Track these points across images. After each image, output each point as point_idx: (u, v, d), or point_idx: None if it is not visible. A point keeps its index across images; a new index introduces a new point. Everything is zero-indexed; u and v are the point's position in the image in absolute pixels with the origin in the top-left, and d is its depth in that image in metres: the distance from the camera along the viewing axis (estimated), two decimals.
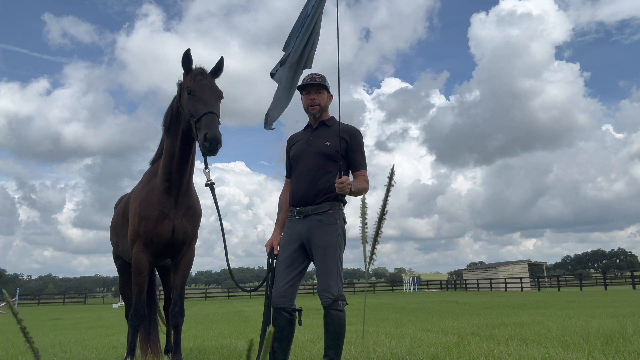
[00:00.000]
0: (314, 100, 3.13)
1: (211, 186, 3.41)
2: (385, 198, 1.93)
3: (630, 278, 29.37)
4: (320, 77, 3.16)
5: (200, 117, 3.16)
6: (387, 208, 1.94)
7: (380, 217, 1.93)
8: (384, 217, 1.93)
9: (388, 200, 1.93)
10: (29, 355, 5.58)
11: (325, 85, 3.15)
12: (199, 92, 3.29)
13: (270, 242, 3.16)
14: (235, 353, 4.72)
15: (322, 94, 3.15)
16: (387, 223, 1.96)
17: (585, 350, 3.92)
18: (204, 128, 3.09)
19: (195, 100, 3.27)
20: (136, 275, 3.67)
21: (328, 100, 3.20)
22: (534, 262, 47.07)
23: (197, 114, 3.19)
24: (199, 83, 3.33)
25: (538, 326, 6.24)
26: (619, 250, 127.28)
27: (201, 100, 3.26)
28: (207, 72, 3.46)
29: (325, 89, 3.16)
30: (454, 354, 3.99)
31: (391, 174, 1.93)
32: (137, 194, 3.83)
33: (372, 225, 1.98)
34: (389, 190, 1.92)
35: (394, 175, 1.93)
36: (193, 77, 3.37)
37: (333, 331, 2.87)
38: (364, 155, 3.12)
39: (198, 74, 3.39)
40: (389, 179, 1.92)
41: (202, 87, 3.32)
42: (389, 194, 1.92)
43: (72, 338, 7.90)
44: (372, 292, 43.48)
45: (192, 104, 3.27)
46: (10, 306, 0.97)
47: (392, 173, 1.93)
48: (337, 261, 2.93)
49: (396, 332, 6.27)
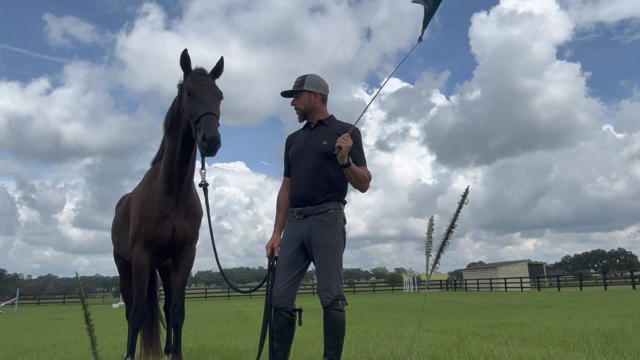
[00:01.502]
0: (294, 105, 3.19)
1: (205, 187, 3.41)
2: (457, 213, 2.11)
3: (630, 278, 29.39)
4: (298, 81, 3.17)
5: (200, 118, 3.16)
6: (456, 223, 2.14)
7: (449, 231, 2.12)
8: (452, 230, 2.13)
9: (458, 215, 2.12)
10: (29, 355, 5.58)
11: (301, 89, 3.14)
12: (198, 92, 3.29)
13: (270, 243, 3.16)
14: (235, 353, 4.72)
15: (300, 98, 3.15)
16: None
17: (585, 350, 3.92)
18: (203, 129, 3.09)
19: (195, 101, 3.27)
20: (137, 275, 3.68)
21: (313, 100, 3.15)
22: (534, 262, 47.10)
23: (196, 115, 3.20)
24: (198, 84, 3.33)
25: (538, 326, 6.24)
26: (618, 250, 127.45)
27: (201, 101, 3.25)
28: (207, 72, 3.45)
29: (303, 92, 3.15)
30: (454, 354, 3.99)
31: (465, 193, 2.09)
32: (138, 194, 3.84)
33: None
34: (461, 207, 2.09)
35: (468, 194, 2.12)
36: (193, 77, 3.37)
37: (333, 331, 2.88)
38: (362, 152, 3.11)
39: (198, 74, 3.39)
40: (463, 197, 2.09)
41: (201, 88, 3.31)
42: (460, 210, 2.11)
43: (73, 338, 7.91)
44: (372, 292, 43.51)
45: (191, 104, 3.27)
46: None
47: (466, 192, 2.10)
48: (337, 261, 2.93)
49: (396, 332, 6.28)
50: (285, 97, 3.26)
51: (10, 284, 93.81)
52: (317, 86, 3.17)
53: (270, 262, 3.11)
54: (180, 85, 3.52)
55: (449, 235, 2.13)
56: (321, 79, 3.21)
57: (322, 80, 3.21)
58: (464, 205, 2.13)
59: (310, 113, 3.18)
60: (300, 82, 3.17)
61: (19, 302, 33.72)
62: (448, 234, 2.12)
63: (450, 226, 2.13)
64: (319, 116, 3.19)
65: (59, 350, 5.90)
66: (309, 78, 3.17)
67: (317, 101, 3.16)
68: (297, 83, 3.17)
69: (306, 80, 3.15)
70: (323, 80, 3.22)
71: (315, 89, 3.16)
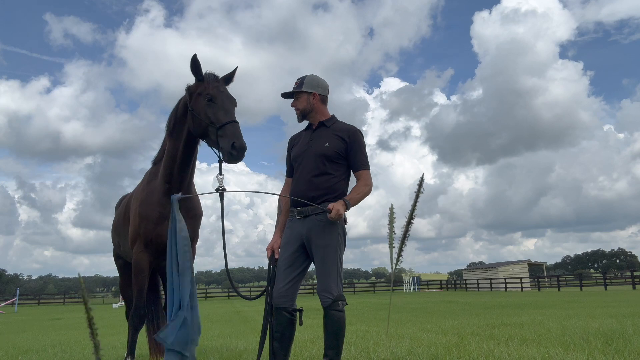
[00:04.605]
0: (293, 106, 3.21)
1: (221, 193, 3.38)
2: (414, 204, 2.05)
3: (630, 278, 29.39)
4: (298, 82, 3.18)
5: (224, 125, 3.18)
6: (415, 212, 2.08)
7: (408, 221, 2.05)
8: (411, 221, 2.06)
9: (417, 205, 2.06)
10: (29, 355, 5.59)
11: (300, 91, 3.14)
12: (219, 99, 3.32)
13: (270, 245, 3.15)
14: (235, 353, 4.72)
15: (299, 99, 3.16)
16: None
17: (585, 350, 3.92)
18: (230, 136, 3.12)
19: (216, 107, 3.29)
20: (136, 275, 3.68)
21: (311, 101, 3.15)
22: (534, 262, 47.08)
23: (218, 122, 3.21)
24: (218, 90, 3.36)
25: (538, 326, 6.24)
26: (618, 250, 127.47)
27: (222, 108, 3.29)
28: (220, 78, 3.48)
29: (302, 93, 3.15)
30: (454, 354, 3.99)
31: (420, 182, 2.05)
32: (138, 195, 3.84)
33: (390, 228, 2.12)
34: (418, 197, 2.04)
35: (423, 183, 2.07)
36: (211, 83, 3.39)
37: (333, 331, 2.88)
38: (365, 154, 3.10)
39: (214, 80, 3.42)
40: (419, 186, 2.04)
41: (221, 95, 3.35)
42: (418, 199, 2.05)
43: (73, 338, 7.91)
44: (372, 292, 43.49)
45: (212, 111, 3.28)
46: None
47: (421, 180, 2.05)
48: (337, 261, 2.93)
49: (396, 332, 6.28)
50: (285, 98, 3.26)
51: (10, 284, 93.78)
52: (315, 87, 3.16)
53: (271, 264, 3.11)
54: (188, 88, 3.49)
55: (408, 227, 2.09)
56: (320, 80, 3.20)
57: (321, 81, 3.20)
58: (420, 195, 2.09)
59: (310, 114, 3.17)
60: (299, 83, 3.17)
61: (19, 302, 33.71)
62: (408, 225, 2.07)
63: (409, 217, 2.08)
64: (319, 117, 3.18)
65: (59, 350, 5.90)
66: (308, 79, 3.16)
67: (316, 102, 3.16)
68: (297, 84, 3.18)
69: (305, 82, 3.15)
70: (322, 81, 3.21)
71: (314, 89, 3.15)
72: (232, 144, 3.08)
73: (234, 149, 3.08)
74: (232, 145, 3.08)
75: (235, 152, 3.08)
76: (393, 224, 2.13)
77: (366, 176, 3.06)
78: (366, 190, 3.02)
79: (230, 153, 3.09)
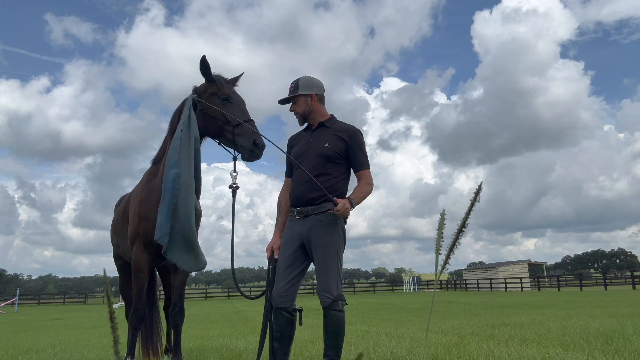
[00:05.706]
0: (292, 111, 3.22)
1: (234, 190, 3.38)
2: (468, 212, 2.05)
3: (630, 278, 29.39)
4: (292, 86, 3.18)
5: (241, 124, 3.30)
6: (468, 222, 2.08)
7: (459, 230, 2.06)
8: (463, 229, 2.06)
9: (470, 215, 2.06)
10: (29, 355, 5.58)
11: (297, 94, 3.14)
12: (234, 99, 3.47)
13: (270, 245, 3.15)
14: (235, 353, 4.72)
15: (297, 103, 3.17)
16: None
17: (585, 350, 3.92)
18: (250, 134, 3.25)
19: (232, 107, 3.42)
20: (136, 275, 3.68)
21: (310, 102, 3.15)
22: (534, 262, 47.09)
23: (235, 121, 3.33)
24: (232, 91, 3.52)
25: (538, 326, 6.24)
26: (618, 250, 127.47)
27: (239, 107, 3.44)
28: (229, 80, 3.60)
29: (299, 96, 3.15)
30: (454, 354, 3.99)
31: (477, 191, 2.04)
32: (137, 194, 3.84)
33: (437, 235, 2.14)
34: (473, 205, 2.04)
35: (480, 192, 2.06)
36: (224, 84, 3.52)
37: (332, 331, 2.88)
38: (365, 154, 3.10)
39: (226, 81, 3.56)
40: (475, 194, 2.04)
41: (236, 95, 3.51)
42: (472, 208, 2.05)
43: (73, 338, 7.90)
44: (372, 292, 43.50)
45: (229, 110, 3.39)
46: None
47: (478, 189, 2.05)
48: (336, 261, 2.93)
49: (396, 332, 6.28)
50: (283, 104, 3.27)
51: (10, 284, 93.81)
52: (311, 87, 3.15)
53: (270, 265, 3.11)
54: (196, 89, 3.56)
55: (459, 234, 2.08)
56: (314, 79, 3.19)
57: (315, 81, 3.19)
58: (476, 203, 2.08)
59: (310, 115, 3.17)
60: (294, 87, 3.16)
61: (19, 302, 33.71)
62: (459, 233, 2.07)
63: (461, 224, 2.08)
64: (319, 117, 3.18)
65: (59, 350, 5.90)
66: (302, 81, 3.16)
67: (315, 102, 3.16)
68: (292, 89, 3.17)
69: (299, 84, 3.14)
70: (317, 80, 3.20)
71: (310, 90, 3.14)
72: (254, 142, 3.21)
73: (256, 146, 3.21)
74: (254, 143, 3.21)
75: (257, 149, 3.22)
76: (442, 230, 2.15)
77: (367, 176, 3.08)
78: (369, 189, 3.03)
79: (252, 150, 3.22)
